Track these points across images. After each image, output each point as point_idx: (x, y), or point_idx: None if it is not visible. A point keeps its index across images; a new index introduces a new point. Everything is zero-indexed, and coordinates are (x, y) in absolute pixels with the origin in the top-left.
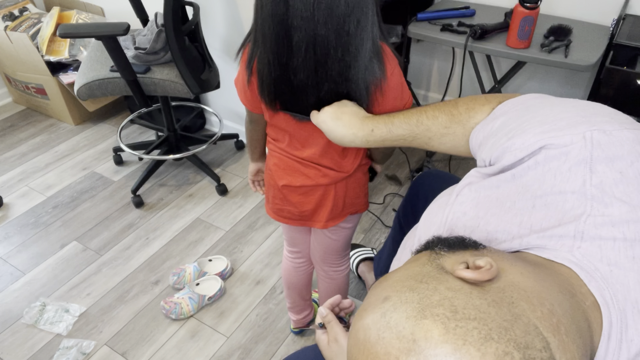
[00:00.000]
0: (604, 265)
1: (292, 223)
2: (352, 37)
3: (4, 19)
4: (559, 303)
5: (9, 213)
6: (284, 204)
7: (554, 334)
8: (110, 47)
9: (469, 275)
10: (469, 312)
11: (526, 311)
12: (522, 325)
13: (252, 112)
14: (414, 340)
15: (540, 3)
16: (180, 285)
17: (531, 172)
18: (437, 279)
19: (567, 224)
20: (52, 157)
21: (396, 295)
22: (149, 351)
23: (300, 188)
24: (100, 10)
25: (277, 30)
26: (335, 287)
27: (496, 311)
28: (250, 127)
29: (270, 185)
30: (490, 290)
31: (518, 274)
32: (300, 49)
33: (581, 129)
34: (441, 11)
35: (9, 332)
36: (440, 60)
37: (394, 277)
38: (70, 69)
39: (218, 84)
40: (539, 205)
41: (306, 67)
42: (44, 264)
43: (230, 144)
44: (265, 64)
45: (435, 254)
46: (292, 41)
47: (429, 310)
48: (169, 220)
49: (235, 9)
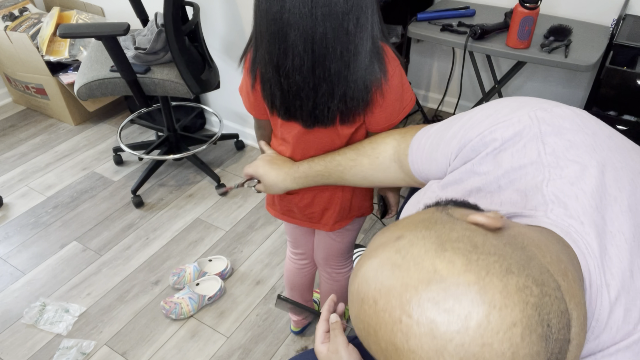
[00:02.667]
0: (574, 220)
1: (300, 224)
2: (352, 36)
3: (4, 19)
4: (561, 252)
5: (9, 213)
6: (291, 206)
7: (563, 278)
8: (110, 47)
9: (481, 219)
10: (488, 249)
11: (537, 255)
12: (536, 265)
13: (258, 119)
14: (435, 271)
15: (540, 3)
16: (180, 285)
17: (489, 158)
18: (451, 222)
19: (533, 193)
20: (52, 157)
21: (411, 233)
22: (149, 351)
23: (306, 194)
24: (100, 10)
25: (271, 29)
26: (338, 288)
27: (512, 250)
28: (259, 133)
29: (277, 194)
30: (503, 235)
31: (522, 227)
32: (297, 47)
33: (524, 111)
34: (441, 11)
35: (9, 332)
36: (440, 61)
37: (404, 222)
38: (70, 69)
39: (218, 84)
40: (504, 184)
41: (302, 68)
42: (44, 264)
43: (230, 144)
44: (263, 66)
45: (443, 207)
46: (288, 40)
47: (449, 244)
48: (169, 220)
49: (235, 9)
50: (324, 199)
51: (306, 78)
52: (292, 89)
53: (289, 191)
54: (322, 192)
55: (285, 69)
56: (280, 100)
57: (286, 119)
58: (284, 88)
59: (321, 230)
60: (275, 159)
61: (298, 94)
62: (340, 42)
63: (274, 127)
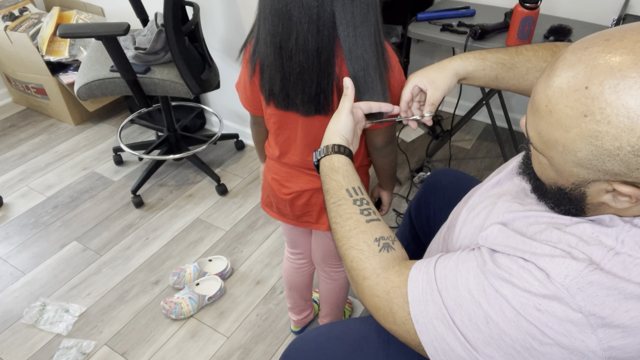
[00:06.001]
0: None
1: (298, 225)
2: (357, 19)
3: (4, 19)
4: None
5: (9, 213)
6: (285, 207)
7: None
8: (110, 47)
9: None
10: None
11: None
12: None
13: (254, 114)
14: None
15: (540, 3)
16: (180, 285)
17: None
18: None
19: None
20: (52, 157)
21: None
22: (149, 351)
23: (302, 194)
24: (100, 10)
25: (275, 6)
26: (336, 287)
27: None
28: (254, 130)
29: (272, 194)
30: None
31: None
32: (302, 25)
33: None
34: (441, 11)
35: (9, 332)
36: (440, 61)
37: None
38: (70, 69)
39: (218, 84)
40: None
41: (307, 48)
42: (44, 264)
43: (230, 144)
44: (264, 50)
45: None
46: (292, 18)
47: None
48: (169, 220)
49: (235, 9)
50: (320, 199)
51: (309, 59)
52: (295, 70)
53: (285, 192)
54: (318, 193)
55: (288, 49)
56: (280, 86)
57: (284, 107)
58: (285, 71)
59: (318, 230)
60: (425, 67)
61: (301, 76)
62: (345, 24)
63: (268, 124)
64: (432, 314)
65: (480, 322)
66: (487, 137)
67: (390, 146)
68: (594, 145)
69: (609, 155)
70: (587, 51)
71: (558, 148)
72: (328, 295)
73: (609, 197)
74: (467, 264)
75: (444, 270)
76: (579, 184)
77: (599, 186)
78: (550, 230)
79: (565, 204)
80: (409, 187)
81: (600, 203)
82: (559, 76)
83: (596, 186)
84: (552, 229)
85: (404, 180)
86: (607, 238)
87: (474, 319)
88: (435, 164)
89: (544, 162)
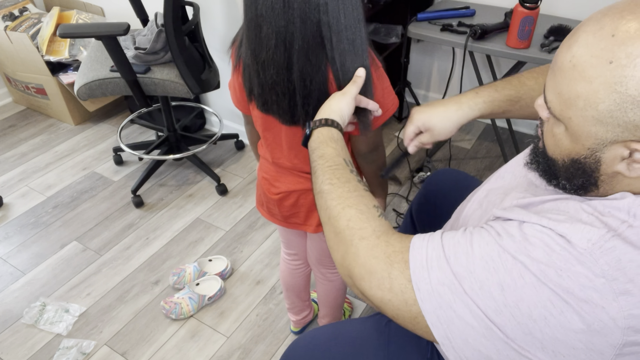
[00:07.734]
0: None
1: (286, 225)
2: (327, 42)
3: (4, 19)
4: None
5: (9, 213)
6: (274, 207)
7: None
8: (110, 47)
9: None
10: None
11: None
12: None
13: (245, 114)
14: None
15: (540, 3)
16: (180, 285)
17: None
18: None
19: None
20: (52, 157)
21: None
22: (149, 351)
23: (291, 194)
24: (100, 10)
25: (249, 16)
26: (333, 288)
27: None
28: (248, 129)
29: (263, 194)
30: None
31: None
32: (270, 41)
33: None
34: (441, 11)
35: (9, 332)
36: (440, 60)
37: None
38: (70, 69)
39: (218, 84)
40: None
41: (278, 63)
42: (44, 264)
43: (230, 144)
44: (245, 51)
45: None
46: (262, 32)
47: None
48: (169, 220)
49: (235, 9)
50: (308, 200)
51: (281, 74)
52: (269, 82)
53: (274, 191)
54: (307, 194)
55: (261, 60)
56: (258, 91)
57: (264, 112)
58: (261, 79)
59: (306, 231)
60: (428, 104)
61: (274, 88)
62: (312, 48)
63: (256, 125)
64: (437, 281)
65: (494, 290)
66: (487, 137)
67: (376, 153)
68: (618, 92)
69: (632, 103)
70: (612, 8)
71: (579, 104)
72: (326, 296)
73: (624, 166)
74: (480, 234)
75: (453, 240)
76: (595, 148)
77: (615, 150)
78: (567, 202)
79: (578, 177)
80: (409, 187)
81: (615, 173)
82: (584, 31)
83: (612, 150)
84: (568, 201)
85: (404, 180)
86: (619, 212)
87: (486, 286)
88: (435, 164)
89: (559, 132)
